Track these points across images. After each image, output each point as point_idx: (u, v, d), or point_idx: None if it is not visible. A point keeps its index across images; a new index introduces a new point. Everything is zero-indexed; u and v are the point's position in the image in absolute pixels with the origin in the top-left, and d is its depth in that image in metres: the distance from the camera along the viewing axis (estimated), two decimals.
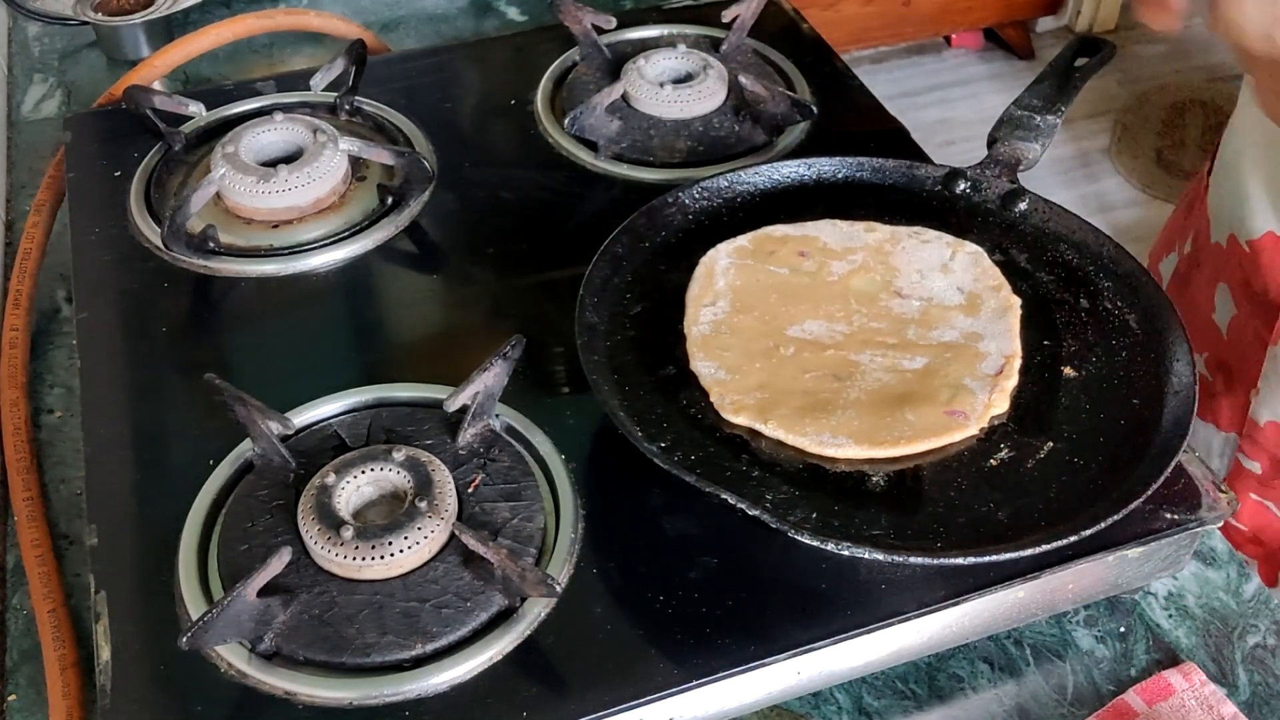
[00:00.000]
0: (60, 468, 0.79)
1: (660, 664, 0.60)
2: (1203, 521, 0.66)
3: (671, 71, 0.98)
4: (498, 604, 0.62)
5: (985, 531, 0.63)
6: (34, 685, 0.68)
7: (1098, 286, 0.77)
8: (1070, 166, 2.63)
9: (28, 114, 1.10)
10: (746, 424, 0.68)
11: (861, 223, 0.81)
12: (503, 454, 0.69)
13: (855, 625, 0.62)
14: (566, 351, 0.73)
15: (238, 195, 0.86)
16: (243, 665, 0.60)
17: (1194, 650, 0.68)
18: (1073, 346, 0.74)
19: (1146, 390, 0.70)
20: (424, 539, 0.62)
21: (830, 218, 0.81)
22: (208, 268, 0.84)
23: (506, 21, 1.22)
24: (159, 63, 1.04)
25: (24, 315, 0.86)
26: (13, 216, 0.98)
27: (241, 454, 0.69)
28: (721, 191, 0.83)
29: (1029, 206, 0.81)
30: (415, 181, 0.88)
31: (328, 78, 0.98)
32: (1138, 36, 2.95)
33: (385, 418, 0.71)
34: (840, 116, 0.97)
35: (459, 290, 0.84)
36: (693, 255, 0.79)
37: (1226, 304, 0.91)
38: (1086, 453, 0.67)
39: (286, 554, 0.61)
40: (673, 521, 0.67)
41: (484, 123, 0.99)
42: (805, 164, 0.85)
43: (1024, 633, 0.69)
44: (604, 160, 0.92)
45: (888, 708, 0.66)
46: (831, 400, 0.69)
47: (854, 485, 0.66)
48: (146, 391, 0.76)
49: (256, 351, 0.79)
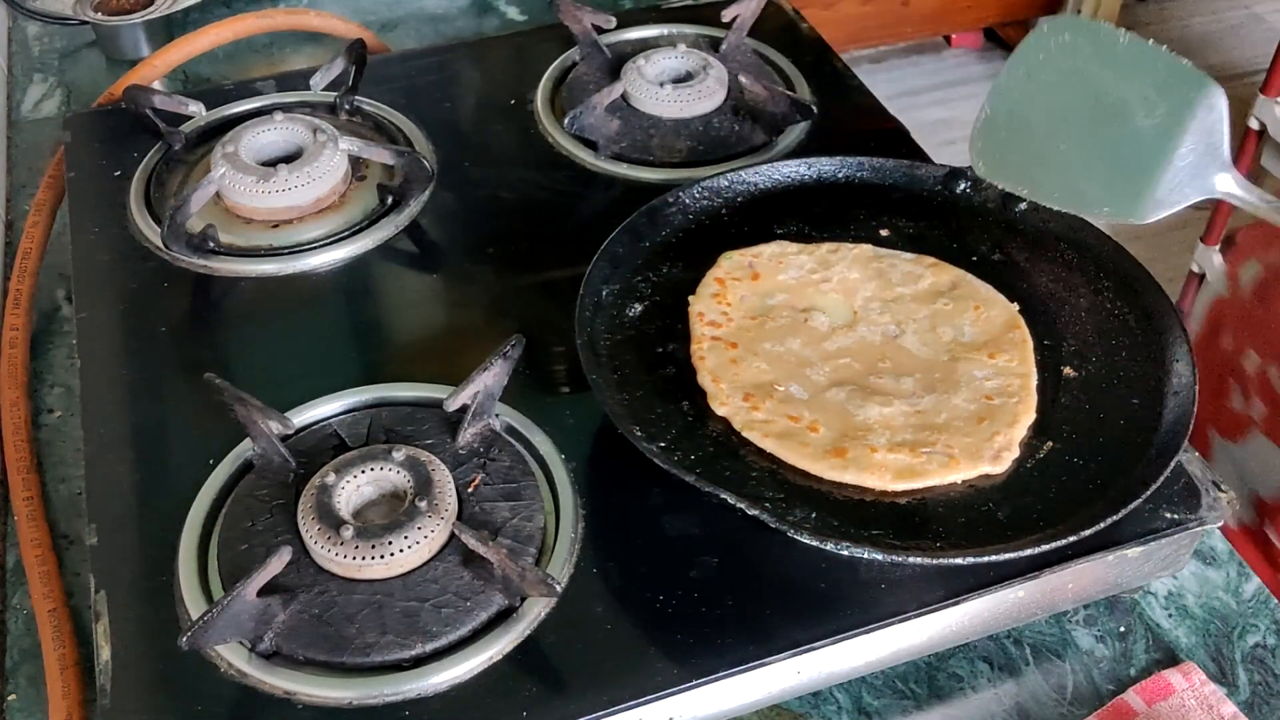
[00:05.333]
0: (60, 468, 0.79)
1: (660, 664, 0.60)
2: (1203, 521, 0.66)
3: (671, 71, 0.98)
4: (498, 604, 0.62)
5: (985, 531, 0.63)
6: (34, 685, 0.68)
7: (1098, 286, 0.77)
8: None
9: (28, 114, 1.10)
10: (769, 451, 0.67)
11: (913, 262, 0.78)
12: (503, 454, 0.69)
13: (855, 625, 0.62)
14: (566, 351, 0.73)
15: (238, 195, 0.86)
16: (243, 665, 0.60)
17: (1194, 650, 0.68)
18: (1073, 346, 0.74)
19: (1146, 390, 0.70)
20: (424, 539, 0.63)
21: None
22: (207, 267, 0.84)
23: (506, 21, 1.22)
24: (159, 62, 1.04)
25: (24, 315, 0.86)
26: (13, 216, 0.98)
27: (241, 454, 0.69)
28: (721, 191, 0.83)
29: (1029, 206, 0.81)
30: (415, 181, 0.88)
31: (328, 77, 0.98)
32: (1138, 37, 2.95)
33: (385, 417, 0.71)
34: (840, 116, 0.97)
35: (459, 290, 0.84)
36: (693, 255, 0.79)
37: None
38: (1086, 453, 0.67)
39: (286, 554, 0.61)
40: (673, 521, 0.67)
41: (484, 122, 0.99)
42: (805, 164, 0.85)
43: (1024, 632, 0.69)
44: (604, 160, 0.92)
45: (888, 707, 0.66)
46: (849, 433, 0.68)
47: (853, 486, 0.66)
48: (146, 391, 0.76)
49: (256, 351, 0.79)
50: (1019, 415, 0.69)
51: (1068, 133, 0.64)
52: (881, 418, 0.69)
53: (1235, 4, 3.10)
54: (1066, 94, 0.64)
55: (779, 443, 0.67)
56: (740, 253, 0.79)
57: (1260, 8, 3.06)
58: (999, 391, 0.70)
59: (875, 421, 0.69)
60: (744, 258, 0.79)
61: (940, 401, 0.70)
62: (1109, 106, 0.62)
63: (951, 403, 0.70)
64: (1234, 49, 2.94)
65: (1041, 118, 0.65)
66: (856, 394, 0.70)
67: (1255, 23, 3.02)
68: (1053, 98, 0.65)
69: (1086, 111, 0.63)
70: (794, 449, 0.67)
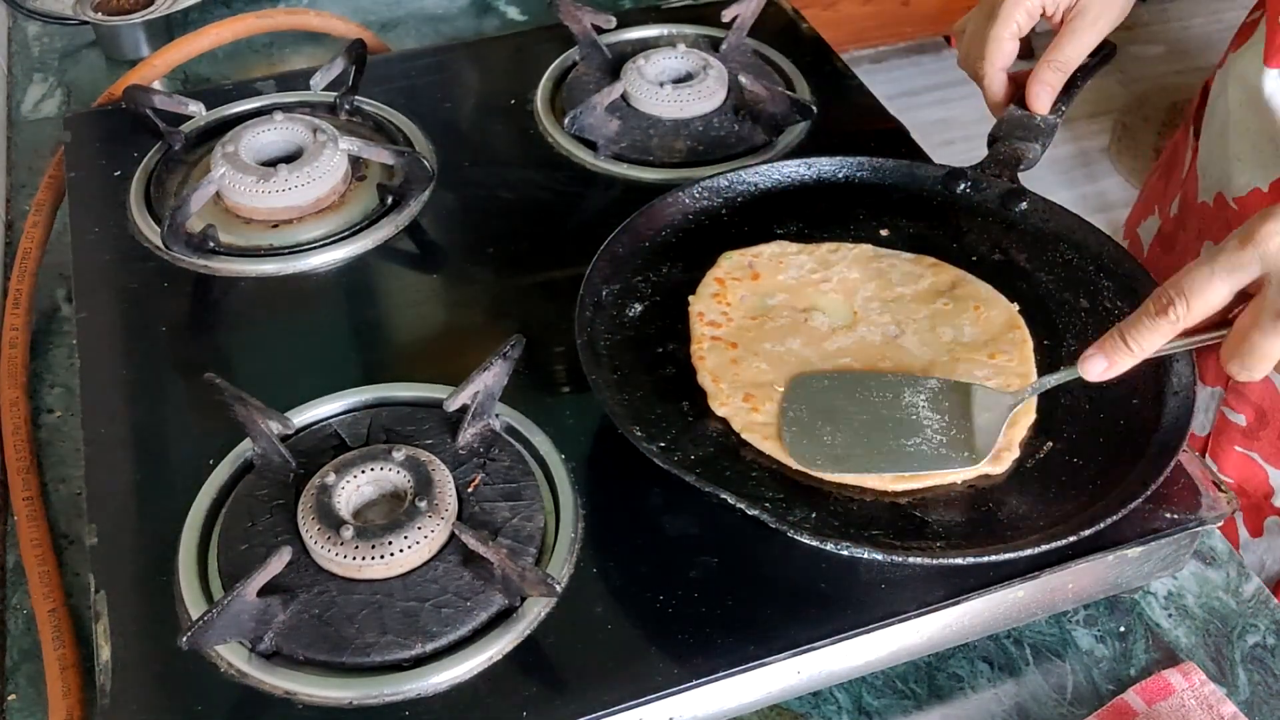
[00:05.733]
0: (60, 468, 0.79)
1: (660, 664, 0.60)
2: (1202, 521, 0.66)
3: (671, 71, 0.98)
4: (498, 604, 0.62)
5: (985, 531, 0.63)
6: (34, 685, 0.68)
7: (1098, 286, 0.77)
8: (1070, 166, 2.62)
9: (28, 114, 1.10)
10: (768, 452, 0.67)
11: (914, 262, 0.79)
12: (503, 454, 0.69)
13: (855, 625, 0.62)
14: (566, 351, 0.73)
15: (237, 195, 0.86)
16: (243, 665, 0.60)
17: (1194, 650, 0.68)
18: (1073, 346, 0.74)
19: (1146, 390, 0.70)
20: (424, 539, 0.63)
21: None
22: (207, 267, 0.84)
23: (506, 21, 1.22)
24: (159, 62, 1.04)
25: (24, 315, 0.86)
26: (13, 216, 0.98)
27: (241, 454, 0.69)
28: (721, 191, 0.83)
29: (1029, 206, 0.81)
30: (415, 181, 0.88)
31: (328, 77, 0.98)
32: (1138, 36, 2.95)
33: (385, 417, 0.71)
34: (840, 116, 0.97)
35: (459, 290, 0.84)
36: (693, 255, 0.79)
37: None
38: (1086, 453, 0.67)
39: (286, 554, 0.61)
40: (673, 521, 0.67)
41: (484, 122, 0.99)
42: (805, 164, 0.85)
43: (1024, 632, 0.69)
44: (604, 160, 0.92)
45: (887, 707, 0.66)
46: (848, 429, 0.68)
47: (853, 486, 0.66)
48: (146, 391, 0.76)
49: (256, 351, 0.79)
50: (1019, 416, 0.69)
51: (870, 434, 0.67)
52: None
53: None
54: (853, 412, 0.69)
55: (778, 444, 0.67)
56: (740, 253, 0.79)
57: None
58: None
59: None
60: (744, 258, 0.79)
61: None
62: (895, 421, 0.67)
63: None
64: None
65: (838, 421, 0.68)
66: None
67: None
68: (838, 414, 0.69)
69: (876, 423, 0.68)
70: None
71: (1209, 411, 0.94)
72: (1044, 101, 0.82)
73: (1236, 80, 0.89)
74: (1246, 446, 0.91)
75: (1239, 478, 0.93)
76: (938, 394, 0.69)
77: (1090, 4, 0.81)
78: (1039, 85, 0.82)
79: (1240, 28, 0.92)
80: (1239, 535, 0.94)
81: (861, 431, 0.67)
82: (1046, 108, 0.82)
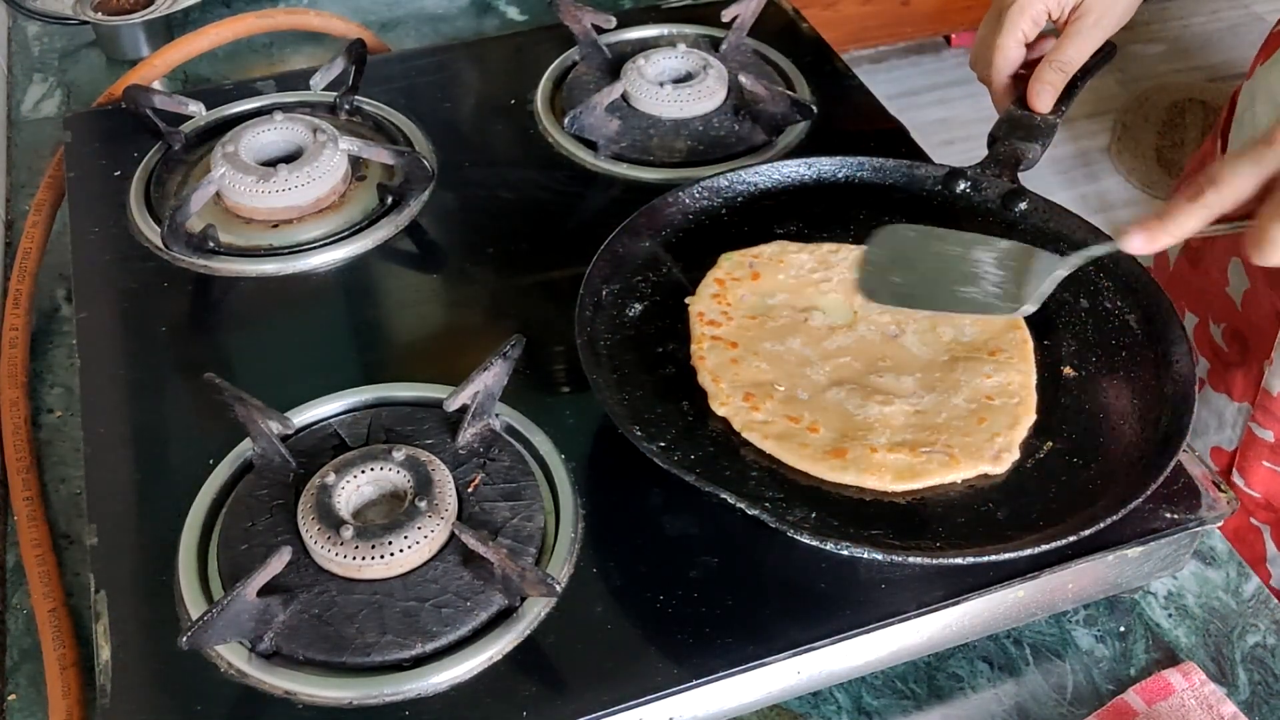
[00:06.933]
0: (60, 468, 0.79)
1: (660, 664, 0.60)
2: (1203, 521, 0.66)
3: (671, 71, 0.98)
4: (498, 604, 0.62)
5: (985, 531, 0.63)
6: (34, 685, 0.68)
7: (1098, 286, 0.77)
8: (1070, 166, 2.62)
9: (27, 113, 1.10)
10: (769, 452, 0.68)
11: None
12: (503, 454, 0.69)
13: (855, 625, 0.62)
14: (566, 351, 0.73)
15: (237, 195, 0.86)
16: (243, 665, 0.60)
17: (1194, 650, 0.68)
18: (1073, 346, 0.74)
19: (1146, 390, 0.70)
20: (424, 539, 0.63)
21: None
22: (207, 267, 0.84)
23: (506, 21, 1.22)
24: (159, 62, 1.04)
25: (24, 315, 0.86)
26: (13, 216, 0.98)
27: (241, 454, 0.69)
28: (721, 191, 0.83)
29: (1029, 206, 0.81)
30: (415, 181, 0.88)
31: (328, 77, 0.98)
32: (1138, 36, 2.95)
33: (385, 417, 0.71)
34: (840, 116, 0.97)
35: (459, 290, 0.84)
36: (693, 255, 0.79)
37: (1240, 277, 0.93)
38: (1086, 453, 0.67)
39: (286, 554, 0.61)
40: (673, 521, 0.67)
41: (484, 122, 0.99)
42: (805, 164, 0.85)
43: (1023, 632, 0.69)
44: (604, 160, 0.92)
45: (887, 707, 0.66)
46: (850, 434, 0.68)
47: (853, 486, 0.66)
48: (146, 391, 0.76)
49: (256, 351, 0.79)
50: (1019, 416, 0.69)
51: (936, 278, 0.72)
52: (881, 417, 0.69)
53: (1235, 4, 3.10)
54: (926, 260, 0.73)
55: (779, 444, 0.67)
56: (740, 253, 0.79)
57: (1260, 7, 3.06)
58: (999, 391, 0.70)
59: (875, 421, 0.69)
60: (744, 258, 0.79)
61: (940, 401, 0.70)
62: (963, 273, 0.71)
63: (951, 403, 0.70)
64: (1234, 49, 2.94)
65: (912, 265, 0.73)
66: (856, 393, 0.70)
67: (1255, 22, 3.02)
68: (914, 259, 0.74)
69: (945, 273, 0.72)
70: (794, 450, 0.67)
71: (1236, 427, 0.94)
72: (1046, 101, 0.82)
73: (1265, 93, 0.88)
74: (1274, 462, 0.91)
75: (1266, 493, 0.93)
76: (1005, 254, 0.72)
77: (1093, 6, 0.81)
78: (1041, 85, 0.82)
79: (1268, 38, 0.91)
80: (1266, 550, 0.94)
81: (929, 276, 0.72)
82: (1048, 107, 0.82)
